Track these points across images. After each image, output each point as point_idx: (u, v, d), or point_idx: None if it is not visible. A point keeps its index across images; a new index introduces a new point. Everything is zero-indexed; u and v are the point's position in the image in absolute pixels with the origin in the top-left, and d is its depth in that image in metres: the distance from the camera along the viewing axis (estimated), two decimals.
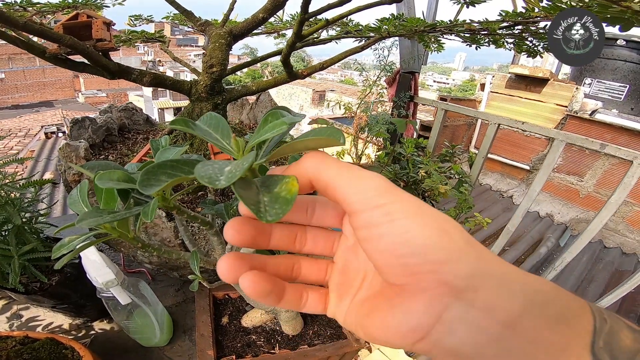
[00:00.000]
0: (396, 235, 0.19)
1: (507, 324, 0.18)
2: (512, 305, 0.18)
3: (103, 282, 0.68)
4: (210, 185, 0.19)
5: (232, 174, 0.20)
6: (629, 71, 3.88)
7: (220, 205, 0.54)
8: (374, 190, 0.20)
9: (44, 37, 0.66)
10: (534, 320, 0.18)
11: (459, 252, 0.19)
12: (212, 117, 0.29)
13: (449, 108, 2.05)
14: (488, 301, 0.18)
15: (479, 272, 0.19)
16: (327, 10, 0.83)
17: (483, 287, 0.18)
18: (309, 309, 0.26)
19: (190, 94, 0.97)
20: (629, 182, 1.35)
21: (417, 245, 0.19)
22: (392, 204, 0.20)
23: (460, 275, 0.18)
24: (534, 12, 0.93)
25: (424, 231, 0.19)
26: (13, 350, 0.70)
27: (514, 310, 0.18)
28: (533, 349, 0.18)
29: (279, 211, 0.19)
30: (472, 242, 0.20)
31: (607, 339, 0.19)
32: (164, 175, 0.23)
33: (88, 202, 0.38)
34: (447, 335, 0.19)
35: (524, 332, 0.18)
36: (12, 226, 0.74)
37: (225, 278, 0.23)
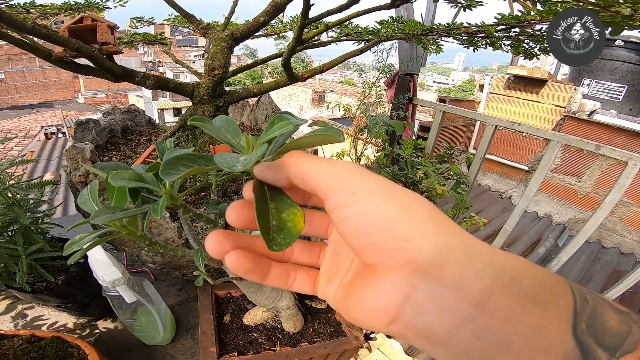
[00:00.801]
0: (361, 214, 0.20)
1: (477, 303, 0.17)
2: (480, 282, 0.17)
3: (110, 281, 0.69)
4: (228, 169, 0.22)
5: (248, 161, 0.23)
6: (628, 72, 3.90)
7: (223, 204, 0.56)
8: (341, 175, 0.21)
9: (51, 41, 0.68)
10: (504, 299, 0.17)
11: (423, 226, 0.19)
12: (222, 120, 0.31)
13: (447, 110, 2.07)
14: (455, 278, 0.18)
15: (443, 247, 0.18)
16: (326, 16, 0.84)
17: (448, 262, 0.18)
18: (298, 289, 0.28)
19: (192, 96, 0.99)
20: (624, 183, 1.36)
21: (381, 223, 0.19)
22: (358, 185, 0.20)
23: (424, 250, 0.18)
24: (530, 16, 0.95)
25: (388, 208, 0.19)
26: (20, 349, 0.72)
27: (482, 288, 0.17)
28: (508, 331, 0.17)
29: (282, 242, 0.22)
30: (436, 215, 0.19)
31: (590, 321, 0.18)
32: (182, 166, 0.25)
33: (99, 201, 0.40)
34: (418, 315, 0.18)
35: (495, 313, 0.17)
36: (20, 226, 0.76)
37: (213, 253, 0.25)
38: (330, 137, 0.26)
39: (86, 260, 0.72)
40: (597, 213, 1.52)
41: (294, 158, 0.24)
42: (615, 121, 3.28)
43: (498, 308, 0.17)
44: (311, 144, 0.27)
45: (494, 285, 0.17)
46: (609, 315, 0.18)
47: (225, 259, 0.25)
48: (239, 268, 0.25)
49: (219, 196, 0.93)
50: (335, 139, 0.26)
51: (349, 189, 0.20)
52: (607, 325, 0.18)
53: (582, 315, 0.18)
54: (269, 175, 0.25)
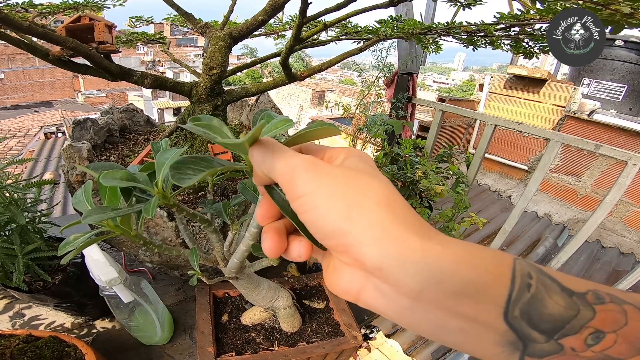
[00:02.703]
0: (312, 222, 0.23)
1: (412, 297, 0.21)
2: (412, 283, 0.20)
3: (106, 281, 0.69)
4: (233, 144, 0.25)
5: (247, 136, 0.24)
6: (627, 71, 3.90)
7: (218, 204, 0.56)
8: (291, 184, 0.23)
9: (48, 40, 0.67)
10: (436, 294, 0.20)
11: (364, 235, 0.21)
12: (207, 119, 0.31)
13: (446, 109, 2.07)
14: (391, 278, 0.21)
15: (379, 254, 0.21)
16: (324, 14, 0.84)
17: (385, 267, 0.21)
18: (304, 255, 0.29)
19: (190, 95, 0.98)
20: (623, 183, 1.36)
21: (327, 231, 0.22)
22: (306, 196, 0.23)
23: (363, 257, 0.21)
24: (529, 15, 0.95)
25: (331, 217, 0.22)
26: (17, 349, 0.72)
27: (414, 287, 0.20)
28: (446, 316, 0.21)
29: None
30: (380, 219, 0.21)
31: (525, 307, 0.20)
32: (190, 170, 0.27)
33: (92, 202, 0.40)
34: (372, 299, 0.22)
35: (431, 303, 0.21)
36: (16, 226, 0.76)
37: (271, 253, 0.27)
38: (326, 131, 0.28)
39: (83, 259, 0.72)
40: (596, 213, 1.51)
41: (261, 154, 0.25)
42: (615, 121, 3.28)
43: (432, 301, 0.20)
44: (307, 139, 0.28)
45: (424, 284, 0.20)
46: (554, 300, 0.20)
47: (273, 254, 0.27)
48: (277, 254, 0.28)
49: (216, 196, 0.93)
50: (331, 132, 0.28)
51: (298, 201, 0.23)
52: (546, 311, 0.20)
53: (517, 303, 0.20)
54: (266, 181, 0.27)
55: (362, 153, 0.27)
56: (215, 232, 0.55)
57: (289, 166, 0.24)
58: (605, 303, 0.20)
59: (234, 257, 0.53)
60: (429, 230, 0.22)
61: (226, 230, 0.84)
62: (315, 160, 0.24)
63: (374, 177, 0.24)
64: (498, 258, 0.21)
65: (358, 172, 0.24)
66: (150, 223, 0.81)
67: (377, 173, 0.25)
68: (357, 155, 0.26)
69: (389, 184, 0.24)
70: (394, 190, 0.24)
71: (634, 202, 3.10)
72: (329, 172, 0.23)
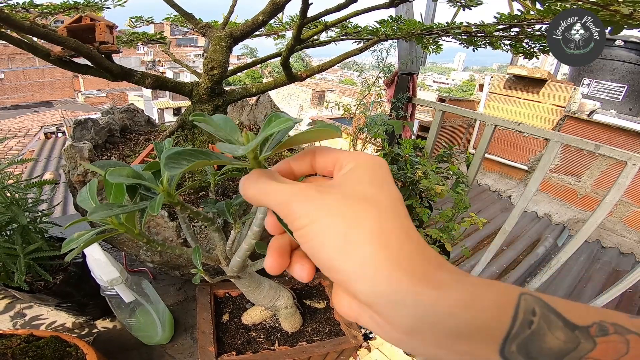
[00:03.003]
0: (310, 254, 0.24)
1: (406, 333, 0.21)
2: (403, 323, 0.21)
3: (108, 280, 0.69)
4: (231, 153, 0.24)
5: (248, 147, 0.25)
6: (627, 72, 3.91)
7: (221, 203, 0.56)
8: (288, 218, 0.24)
9: (49, 40, 0.68)
10: (431, 333, 0.20)
11: (358, 271, 0.21)
12: (220, 118, 0.31)
13: (446, 109, 2.07)
14: (384, 314, 0.21)
15: (370, 293, 0.21)
16: (325, 15, 0.84)
17: (375, 305, 0.21)
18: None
19: (191, 95, 0.99)
20: (623, 183, 1.36)
21: (323, 265, 0.23)
22: (303, 229, 0.23)
23: (356, 293, 0.22)
24: (529, 15, 0.95)
25: (325, 252, 0.22)
26: (18, 348, 0.72)
27: (407, 325, 0.20)
28: (442, 351, 0.21)
29: None
30: (367, 260, 0.21)
31: (523, 343, 0.20)
32: (184, 160, 0.26)
33: (97, 200, 0.40)
34: (369, 326, 0.23)
35: (425, 340, 0.21)
36: (18, 226, 0.76)
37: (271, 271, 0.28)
38: (327, 133, 0.27)
39: (85, 259, 0.72)
40: (596, 213, 1.52)
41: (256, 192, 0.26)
42: (615, 121, 3.28)
43: (426, 339, 0.21)
44: (308, 140, 0.28)
45: (417, 324, 0.20)
46: (555, 335, 0.20)
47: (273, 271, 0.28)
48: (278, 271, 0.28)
49: (218, 196, 0.93)
50: (332, 134, 0.28)
51: (298, 232, 0.23)
52: (546, 346, 0.20)
53: (515, 339, 0.20)
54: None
55: (372, 161, 0.26)
56: (218, 231, 0.55)
57: (284, 199, 0.24)
58: (608, 334, 0.20)
59: (236, 256, 0.53)
60: (426, 265, 0.21)
61: (227, 229, 0.84)
62: (308, 191, 0.24)
63: (371, 202, 0.23)
64: (502, 296, 0.21)
65: (354, 198, 0.23)
66: (151, 223, 0.81)
67: (377, 193, 0.24)
68: (364, 166, 0.25)
69: (387, 209, 0.23)
70: (394, 213, 0.23)
71: (633, 202, 3.11)
72: (323, 203, 0.23)
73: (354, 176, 0.25)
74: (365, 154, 0.27)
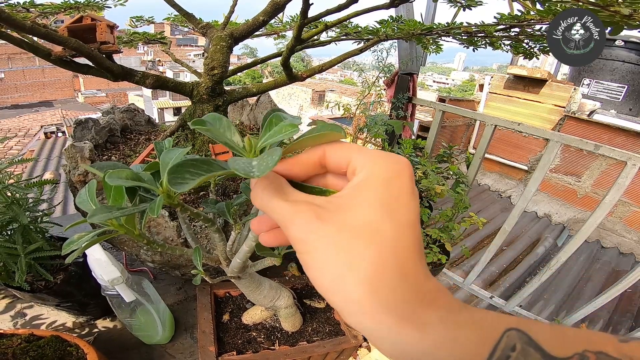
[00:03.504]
0: (310, 278, 0.24)
1: (389, 357, 0.22)
2: (386, 351, 0.22)
3: (109, 280, 0.69)
4: (245, 176, 0.23)
5: (266, 167, 0.23)
6: (628, 72, 3.91)
7: (221, 204, 0.56)
8: (289, 237, 0.24)
9: (50, 40, 0.68)
10: None
11: (344, 308, 0.22)
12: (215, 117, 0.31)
13: (447, 109, 2.07)
14: (369, 340, 0.23)
15: (355, 324, 0.22)
16: (325, 15, 0.84)
17: (361, 333, 0.23)
18: None
19: (191, 95, 0.99)
20: (623, 183, 1.36)
21: (319, 289, 0.23)
22: (302, 255, 0.24)
23: (346, 321, 0.23)
24: (529, 15, 0.95)
25: (319, 282, 0.23)
26: (19, 348, 0.72)
27: (389, 355, 0.22)
28: None
29: None
30: (354, 300, 0.22)
31: None
32: (188, 174, 0.26)
33: (97, 201, 0.40)
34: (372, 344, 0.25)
35: None
36: (19, 225, 0.76)
37: (255, 230, 0.30)
38: (330, 135, 0.26)
39: (85, 259, 0.72)
40: (596, 213, 1.52)
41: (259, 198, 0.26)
42: (615, 121, 3.28)
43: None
44: (312, 143, 0.27)
45: (399, 357, 0.22)
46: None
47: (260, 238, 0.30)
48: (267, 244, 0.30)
49: (218, 195, 0.93)
50: (335, 136, 0.27)
51: (301, 257, 0.24)
52: None
53: None
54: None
55: (389, 171, 0.24)
56: (218, 231, 0.56)
57: (285, 219, 0.24)
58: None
59: (237, 257, 0.54)
60: (417, 304, 0.22)
61: (227, 229, 0.85)
62: (309, 216, 0.23)
63: (373, 236, 0.22)
64: (485, 334, 0.21)
65: (355, 231, 0.22)
66: (152, 223, 0.81)
67: (383, 221, 0.22)
68: (378, 179, 0.24)
69: (388, 244, 0.22)
70: (395, 249, 0.22)
71: (633, 202, 3.11)
72: (322, 234, 0.23)
73: (362, 196, 0.23)
74: (383, 157, 0.25)
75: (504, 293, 2.34)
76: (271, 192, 0.25)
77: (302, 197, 0.25)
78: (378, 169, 0.24)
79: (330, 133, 0.26)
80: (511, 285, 2.45)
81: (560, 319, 1.83)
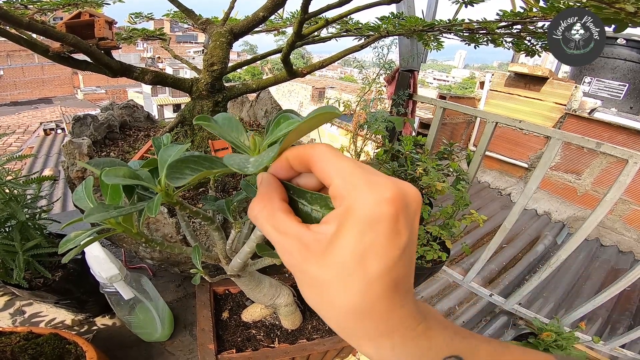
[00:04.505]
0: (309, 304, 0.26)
1: None
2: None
3: (107, 277, 0.69)
4: (240, 171, 0.23)
5: (260, 163, 0.23)
6: (629, 70, 3.89)
7: (221, 201, 0.56)
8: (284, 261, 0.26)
9: (48, 36, 0.67)
10: None
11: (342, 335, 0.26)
12: (225, 118, 0.30)
13: (447, 106, 2.06)
14: None
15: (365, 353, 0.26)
16: (326, 11, 0.83)
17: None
18: None
19: (191, 91, 0.98)
20: (624, 181, 1.36)
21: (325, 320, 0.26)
22: (295, 277, 0.26)
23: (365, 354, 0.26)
24: (532, 12, 0.94)
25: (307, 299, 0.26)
26: (17, 346, 0.72)
27: None
28: None
29: None
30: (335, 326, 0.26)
31: None
32: (188, 170, 0.26)
33: (93, 198, 0.39)
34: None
35: None
36: (16, 222, 0.75)
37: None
38: (326, 116, 0.26)
39: (84, 256, 0.72)
40: (596, 211, 1.51)
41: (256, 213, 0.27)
42: (616, 119, 3.28)
43: None
44: (309, 128, 0.27)
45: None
46: None
47: None
48: None
49: (217, 192, 0.93)
50: (331, 116, 0.26)
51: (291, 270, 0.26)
52: None
53: None
54: None
55: (369, 216, 0.22)
56: (218, 230, 0.55)
57: (277, 244, 0.25)
58: None
59: (237, 257, 0.53)
60: (375, 337, 0.25)
61: (227, 226, 0.84)
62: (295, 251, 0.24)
63: (342, 288, 0.23)
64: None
65: (330, 276, 0.23)
66: (150, 219, 0.80)
67: (355, 273, 0.22)
68: (357, 224, 0.22)
69: (354, 294, 0.23)
70: (363, 297, 0.23)
71: (633, 201, 3.11)
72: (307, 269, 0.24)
73: (340, 241, 0.23)
74: (370, 188, 0.22)
75: (503, 291, 2.34)
76: (266, 216, 0.26)
77: (293, 230, 0.25)
78: (359, 203, 0.22)
79: (327, 113, 0.26)
80: (511, 283, 2.45)
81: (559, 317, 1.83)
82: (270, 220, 0.25)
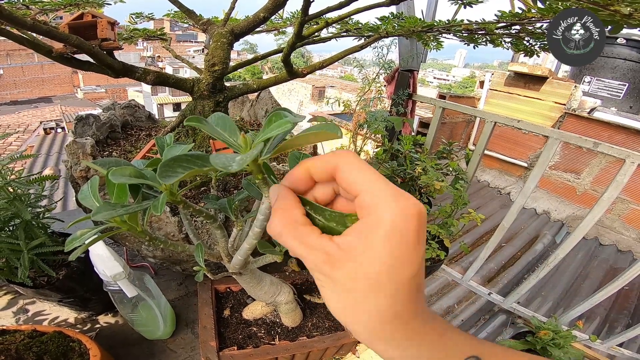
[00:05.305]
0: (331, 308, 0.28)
1: None
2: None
3: (111, 275, 0.70)
4: (224, 170, 0.23)
5: (243, 161, 0.24)
6: (629, 70, 3.90)
7: (223, 200, 0.57)
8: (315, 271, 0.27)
9: (52, 38, 0.68)
10: None
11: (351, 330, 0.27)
12: (219, 117, 0.31)
13: (447, 106, 2.07)
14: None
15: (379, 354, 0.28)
16: (326, 12, 0.84)
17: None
18: None
19: (192, 91, 0.99)
20: (621, 180, 1.37)
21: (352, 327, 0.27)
22: (319, 286, 0.28)
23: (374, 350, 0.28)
24: (530, 13, 0.95)
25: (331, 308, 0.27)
26: (22, 344, 0.72)
27: None
28: None
29: None
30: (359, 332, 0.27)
31: None
32: (180, 168, 0.26)
33: (99, 197, 0.40)
34: None
35: None
36: (21, 221, 0.76)
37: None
38: (326, 135, 0.27)
39: (87, 255, 0.73)
40: (594, 210, 1.52)
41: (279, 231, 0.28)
42: (615, 119, 3.28)
43: None
44: (307, 142, 0.28)
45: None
46: None
47: None
48: None
49: (219, 191, 0.94)
50: (331, 136, 0.26)
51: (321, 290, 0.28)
52: None
53: None
54: None
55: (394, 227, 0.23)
56: (220, 228, 0.56)
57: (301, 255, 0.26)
58: None
59: (238, 255, 0.54)
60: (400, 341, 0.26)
61: (228, 224, 0.85)
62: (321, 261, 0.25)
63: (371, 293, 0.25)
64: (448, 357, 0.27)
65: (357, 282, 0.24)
66: (153, 218, 0.81)
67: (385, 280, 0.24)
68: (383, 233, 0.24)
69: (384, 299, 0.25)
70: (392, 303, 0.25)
71: (632, 200, 3.12)
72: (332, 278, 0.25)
73: (368, 251, 0.24)
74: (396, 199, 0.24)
75: (502, 289, 2.36)
76: (290, 232, 0.26)
77: (316, 242, 0.26)
78: (388, 216, 0.24)
79: (327, 132, 0.26)
80: (509, 282, 2.46)
81: (557, 315, 1.84)
82: (296, 236, 0.26)
